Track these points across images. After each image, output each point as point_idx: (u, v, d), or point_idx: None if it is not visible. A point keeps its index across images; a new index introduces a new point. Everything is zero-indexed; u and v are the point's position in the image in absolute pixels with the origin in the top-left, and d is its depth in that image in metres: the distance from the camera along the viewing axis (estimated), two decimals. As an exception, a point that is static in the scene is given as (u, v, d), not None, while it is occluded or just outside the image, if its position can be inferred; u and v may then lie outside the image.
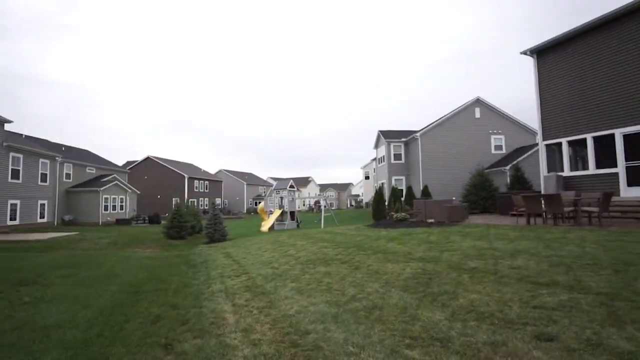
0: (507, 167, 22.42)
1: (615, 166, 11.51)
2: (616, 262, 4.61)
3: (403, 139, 29.91)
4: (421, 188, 23.42)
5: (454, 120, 27.83)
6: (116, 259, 10.44)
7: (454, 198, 21.23)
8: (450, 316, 3.47)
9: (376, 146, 34.52)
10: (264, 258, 8.60)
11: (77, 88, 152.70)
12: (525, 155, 22.97)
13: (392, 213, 14.49)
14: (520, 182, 18.41)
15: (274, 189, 24.39)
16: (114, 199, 32.27)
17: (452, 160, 26.91)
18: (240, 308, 4.55)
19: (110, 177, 32.86)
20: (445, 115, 28.13)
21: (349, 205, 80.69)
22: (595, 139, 12.24)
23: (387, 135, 31.02)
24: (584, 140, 12.56)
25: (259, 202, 49.61)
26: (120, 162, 48.89)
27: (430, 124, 28.19)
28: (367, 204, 48.37)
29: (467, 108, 28.04)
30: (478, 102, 28.11)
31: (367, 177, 57.93)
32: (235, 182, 67.06)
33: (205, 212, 36.70)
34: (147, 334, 3.86)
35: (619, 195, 11.18)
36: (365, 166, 58.30)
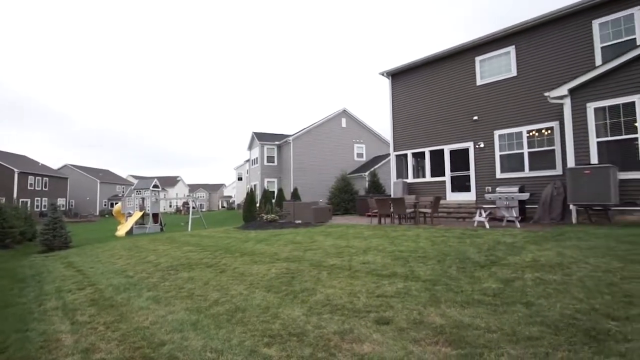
0: (366, 173, 25.14)
1: (444, 175, 14.15)
2: (439, 254, 5.68)
3: (276, 142, 30.56)
4: (291, 190, 24.31)
5: (323, 127, 29.84)
6: None
7: (321, 200, 22.70)
8: (308, 311, 3.73)
9: (250, 147, 34.38)
10: (117, 266, 7.66)
11: None
12: (381, 163, 26.17)
13: (263, 215, 14.66)
14: (376, 186, 20.85)
15: (135, 189, 21.87)
16: None
17: (320, 164, 28.76)
18: (81, 326, 3.97)
19: None
20: (315, 123, 29.90)
21: (220, 207, 78.01)
22: (431, 152, 14.79)
23: (261, 138, 31.24)
24: (424, 153, 15.06)
25: (116, 203, 43.71)
26: None
27: (302, 130, 29.59)
28: (239, 205, 47.65)
29: (335, 117, 30.42)
30: (344, 113, 30.78)
31: (240, 178, 57.04)
32: (85, 179, 57.62)
33: (42, 214, 30.49)
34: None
35: (445, 199, 13.76)
36: (238, 167, 57.34)
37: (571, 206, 9.18)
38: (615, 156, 8.75)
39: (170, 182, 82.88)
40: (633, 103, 8.47)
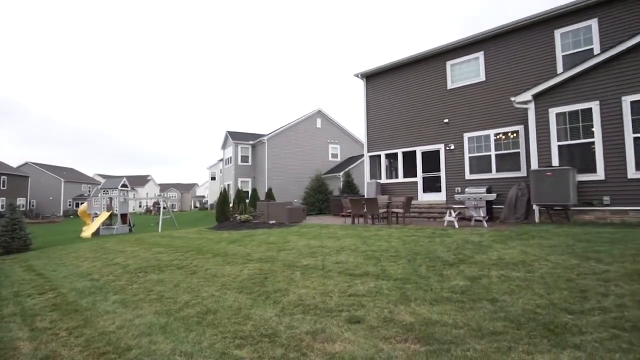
0: (341, 174, 25.31)
1: (416, 176, 14.46)
2: (410, 253, 5.81)
3: (251, 142, 30.25)
4: (266, 190, 24.12)
5: (298, 127, 29.80)
6: None
7: (295, 200, 22.65)
8: (280, 312, 3.72)
9: (224, 147, 33.84)
10: (82, 269, 7.36)
11: None
12: (356, 163, 26.42)
13: (236, 215, 14.48)
14: (350, 187, 21.03)
15: (102, 188, 21.02)
16: None
17: (295, 164, 28.71)
18: (41, 332, 3.79)
19: None
20: (290, 123, 29.82)
21: (193, 207, 76.29)
22: (404, 153, 15.08)
23: (235, 137, 30.82)
24: (396, 154, 15.34)
25: (82, 203, 41.82)
26: None
27: (277, 129, 29.44)
28: (212, 205, 46.78)
29: (310, 118, 30.45)
30: (319, 113, 30.87)
31: (213, 178, 55.99)
32: (48, 178, 54.82)
33: (0, 215, 28.81)
34: None
35: (417, 199, 14.07)
36: (211, 166, 56.25)
37: (534, 206, 9.61)
38: (574, 159, 9.24)
39: (140, 181, 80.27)
40: (590, 109, 8.98)
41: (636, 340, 2.58)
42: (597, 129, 8.86)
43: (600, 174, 8.75)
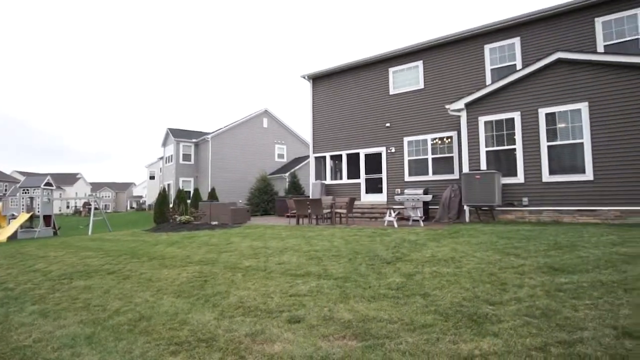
0: (287, 174, 25.29)
1: (359, 177, 14.91)
2: (351, 252, 5.98)
3: (194, 140, 29.10)
4: (209, 190, 23.35)
5: (244, 126, 29.25)
6: None
7: (240, 201, 22.21)
8: (220, 315, 3.64)
9: (164, 144, 32.17)
10: (-8, 278, 6.55)
11: None
12: (302, 164, 26.56)
13: (176, 216, 13.84)
14: (296, 187, 21.09)
15: (21, 187, 18.92)
16: None
17: (240, 164, 28.14)
18: (-61, 350, 3.32)
19: None
20: (236, 121, 29.18)
21: (129, 208, 71.42)
22: (348, 155, 15.48)
23: (176, 134, 29.45)
24: (341, 155, 15.69)
25: (-7, 204, 37.18)
26: None
27: (222, 128, 28.64)
28: (150, 206, 44.11)
29: (256, 117, 30.04)
30: (266, 113, 30.57)
31: (152, 177, 52.89)
32: (-50, 175, 48.05)
33: None
34: None
35: (360, 200, 14.51)
36: (150, 165, 53.09)
37: (465, 206, 10.38)
38: (500, 164, 10.14)
39: (68, 179, 73.54)
40: (513, 119, 9.92)
41: (544, 326, 2.90)
42: (518, 137, 9.81)
43: (520, 178, 9.69)
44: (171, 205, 20.79)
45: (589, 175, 8.79)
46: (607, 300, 3.28)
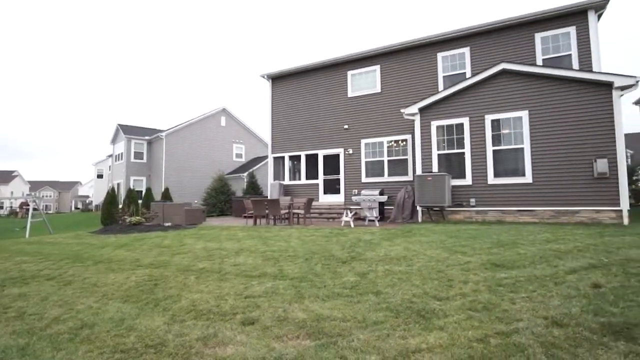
0: (245, 174, 24.88)
1: (318, 178, 15.03)
2: (307, 253, 6.02)
3: (147, 137, 27.80)
4: (162, 190, 22.39)
5: (201, 125, 28.39)
6: None
7: (195, 201, 21.54)
8: (170, 319, 3.51)
9: (114, 141, 30.41)
10: None
11: None
12: (260, 164, 26.26)
13: (126, 217, 13.14)
14: (254, 188, 20.81)
15: (-58, 185, 17.01)
16: None
17: (196, 163, 27.28)
18: None
19: None
20: (193, 119, 28.24)
21: (74, 208, 66.65)
22: (307, 156, 15.54)
23: (128, 131, 27.96)
24: (300, 156, 15.72)
25: None
26: None
27: (178, 125, 27.59)
28: (97, 206, 41.41)
29: (214, 115, 29.28)
30: (224, 111, 29.88)
31: (100, 176, 49.76)
32: None
33: None
34: None
35: (318, 200, 14.63)
36: (98, 163, 49.92)
37: (418, 207, 10.81)
38: (451, 166, 10.67)
39: (3, 177, 67.23)
40: (462, 124, 10.48)
41: (485, 318, 3.10)
42: (467, 141, 10.39)
43: (468, 180, 10.26)
44: (121, 206, 19.70)
45: (528, 178, 9.50)
46: (540, 293, 3.58)
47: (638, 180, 19.91)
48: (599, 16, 10.77)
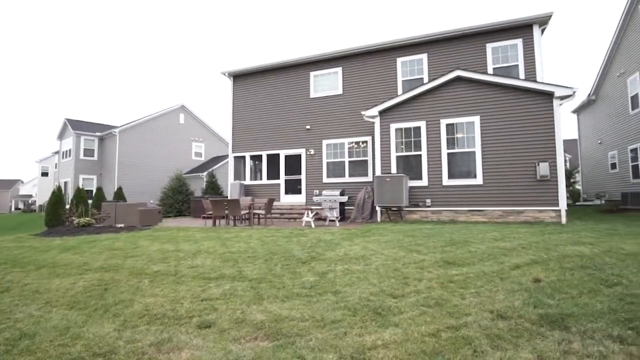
0: (204, 174, 24.23)
1: (279, 178, 14.96)
2: (267, 253, 5.99)
3: (98, 133, 26.26)
4: (115, 189, 21.25)
5: (158, 122, 27.28)
6: None
7: (151, 201, 20.66)
8: (121, 325, 3.36)
9: (61, 137, 28.42)
10: None
11: None
12: (221, 163, 25.68)
13: (74, 218, 12.33)
14: (213, 187, 20.31)
15: None
16: None
17: (152, 162, 26.18)
18: None
19: None
20: (149, 115, 27.05)
21: (14, 209, 61.38)
22: (268, 156, 15.42)
23: (77, 126, 26.24)
24: (261, 156, 15.57)
25: None
26: None
27: (132, 122, 26.31)
28: (42, 207, 38.44)
29: (172, 112, 28.24)
30: (183, 108, 28.90)
31: (45, 174, 46.24)
32: None
33: None
34: None
35: (279, 200, 14.56)
36: (43, 160, 46.33)
37: (377, 207, 11.08)
38: (409, 168, 11.03)
39: None
40: (420, 127, 10.88)
41: (437, 314, 3.25)
42: (423, 144, 10.80)
43: (425, 181, 10.67)
44: (68, 206, 18.44)
45: (479, 180, 10.05)
46: (487, 288, 3.81)
47: (575, 183, 21.79)
48: (542, 30, 11.63)
